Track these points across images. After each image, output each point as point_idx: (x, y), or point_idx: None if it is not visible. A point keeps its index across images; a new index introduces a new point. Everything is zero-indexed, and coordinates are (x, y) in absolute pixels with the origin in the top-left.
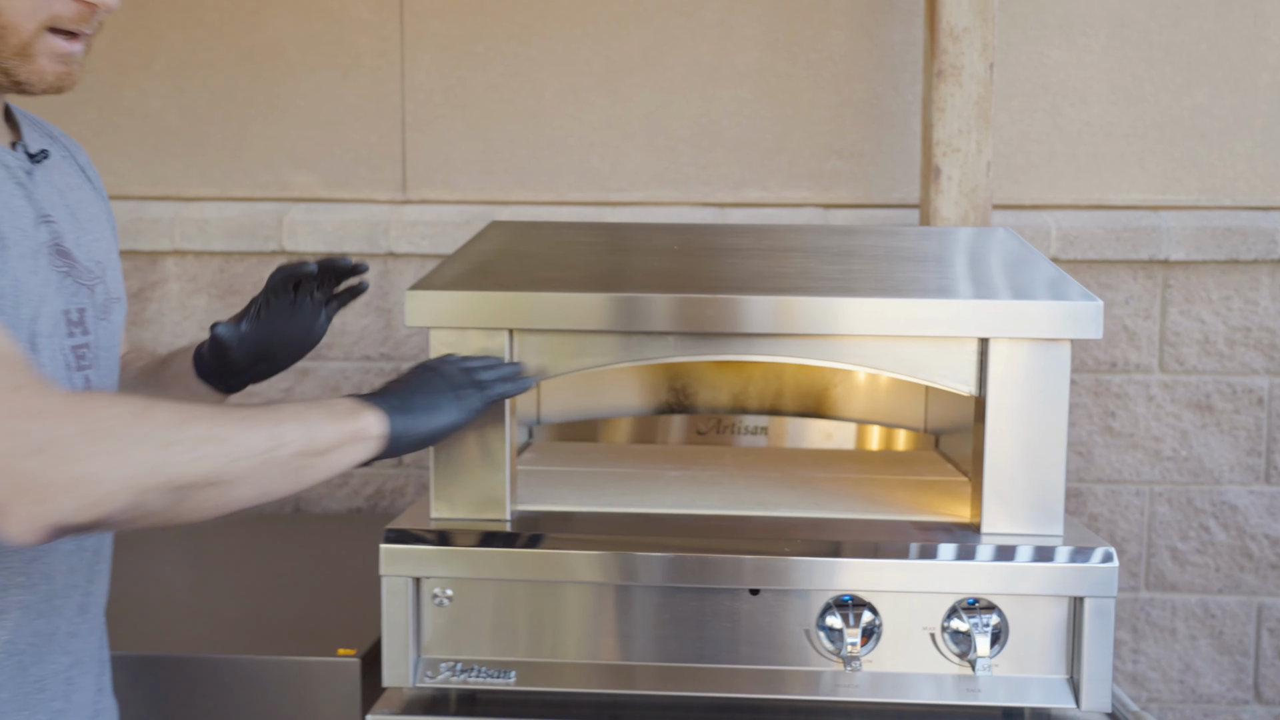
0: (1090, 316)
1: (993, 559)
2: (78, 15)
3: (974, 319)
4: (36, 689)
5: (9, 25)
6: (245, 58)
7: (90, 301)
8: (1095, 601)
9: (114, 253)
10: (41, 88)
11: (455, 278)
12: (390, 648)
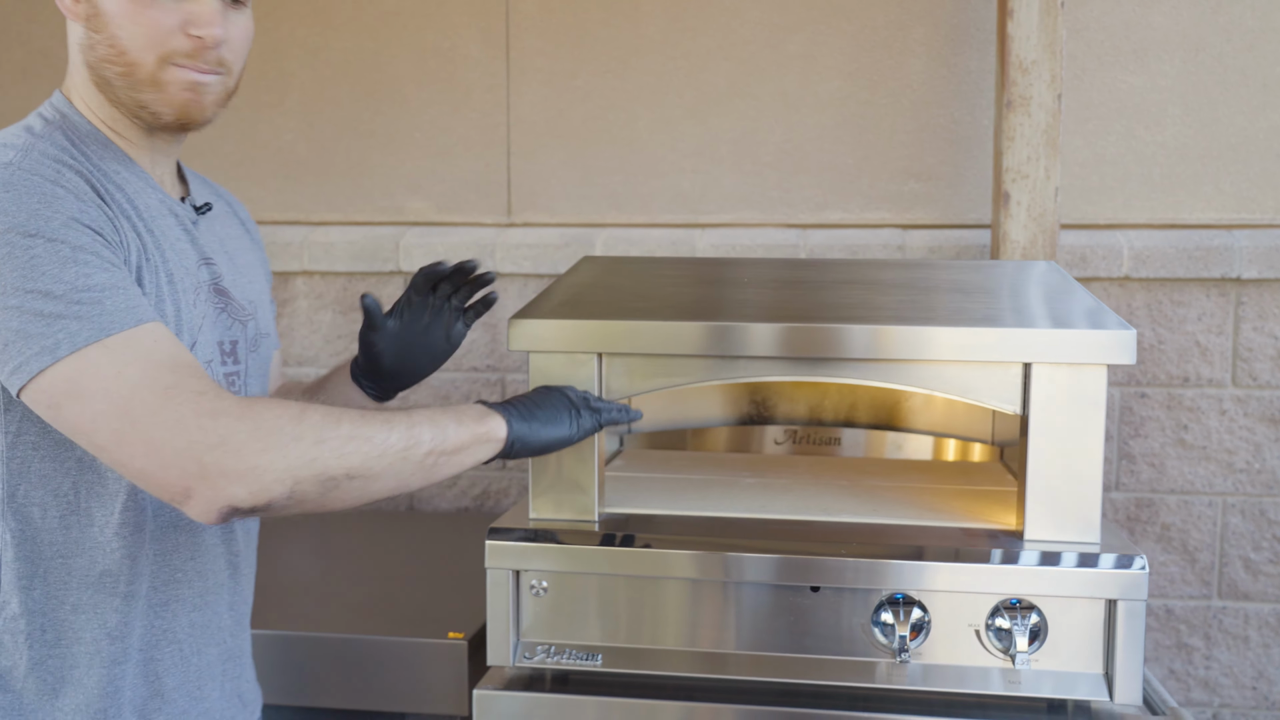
0: (1124, 344)
1: (1033, 564)
2: (191, 49)
3: (1018, 345)
4: (198, 676)
5: (135, 61)
6: (367, 94)
7: (243, 335)
8: (1127, 604)
9: (266, 294)
10: (171, 116)
11: (552, 307)
12: (493, 631)
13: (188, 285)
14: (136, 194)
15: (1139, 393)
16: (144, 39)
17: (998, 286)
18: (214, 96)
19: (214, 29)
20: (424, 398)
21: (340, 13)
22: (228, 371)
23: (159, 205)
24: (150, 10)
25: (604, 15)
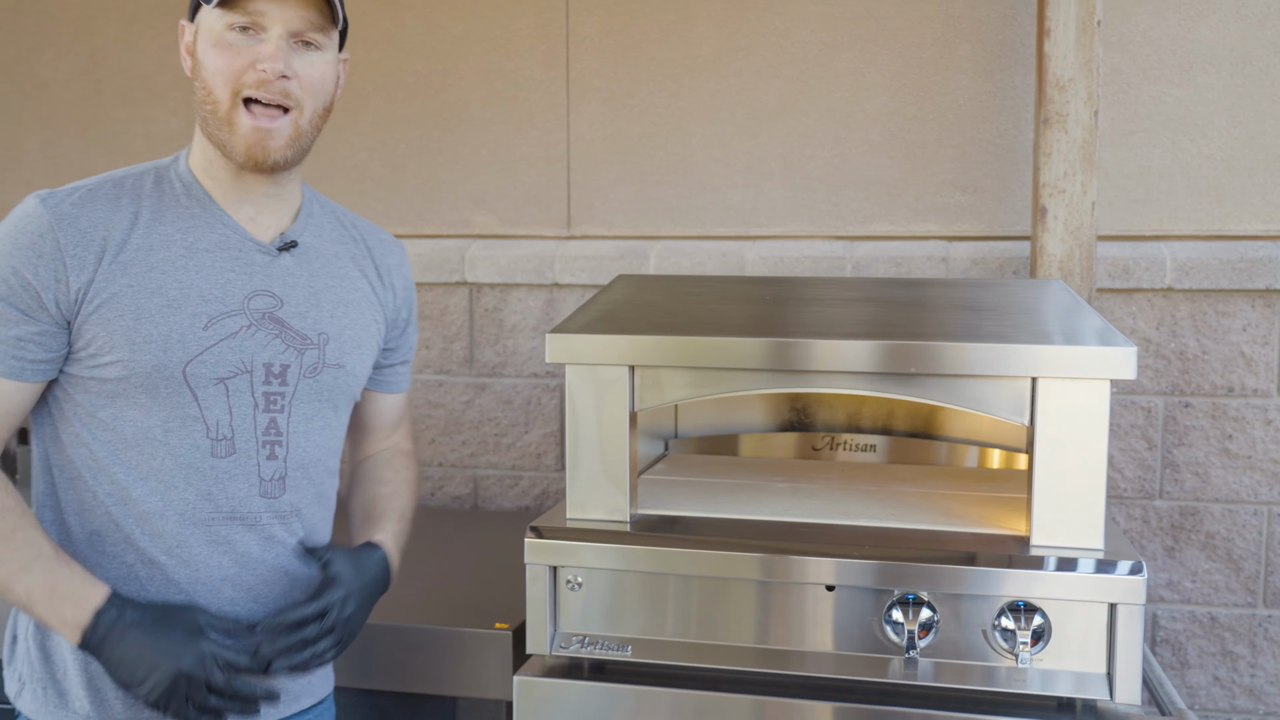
0: (1125, 360)
1: (1037, 568)
2: (257, 85)
3: (1025, 361)
4: None
5: (218, 99)
6: (436, 114)
7: (296, 361)
8: (1125, 608)
9: (355, 330)
10: (243, 154)
11: (587, 322)
12: (532, 623)
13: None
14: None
15: (1183, 402)
16: (223, 77)
17: (1007, 305)
18: (281, 140)
19: (276, 63)
20: (489, 403)
21: (412, 38)
22: (269, 391)
23: (216, 242)
24: (228, 52)
25: (659, 36)
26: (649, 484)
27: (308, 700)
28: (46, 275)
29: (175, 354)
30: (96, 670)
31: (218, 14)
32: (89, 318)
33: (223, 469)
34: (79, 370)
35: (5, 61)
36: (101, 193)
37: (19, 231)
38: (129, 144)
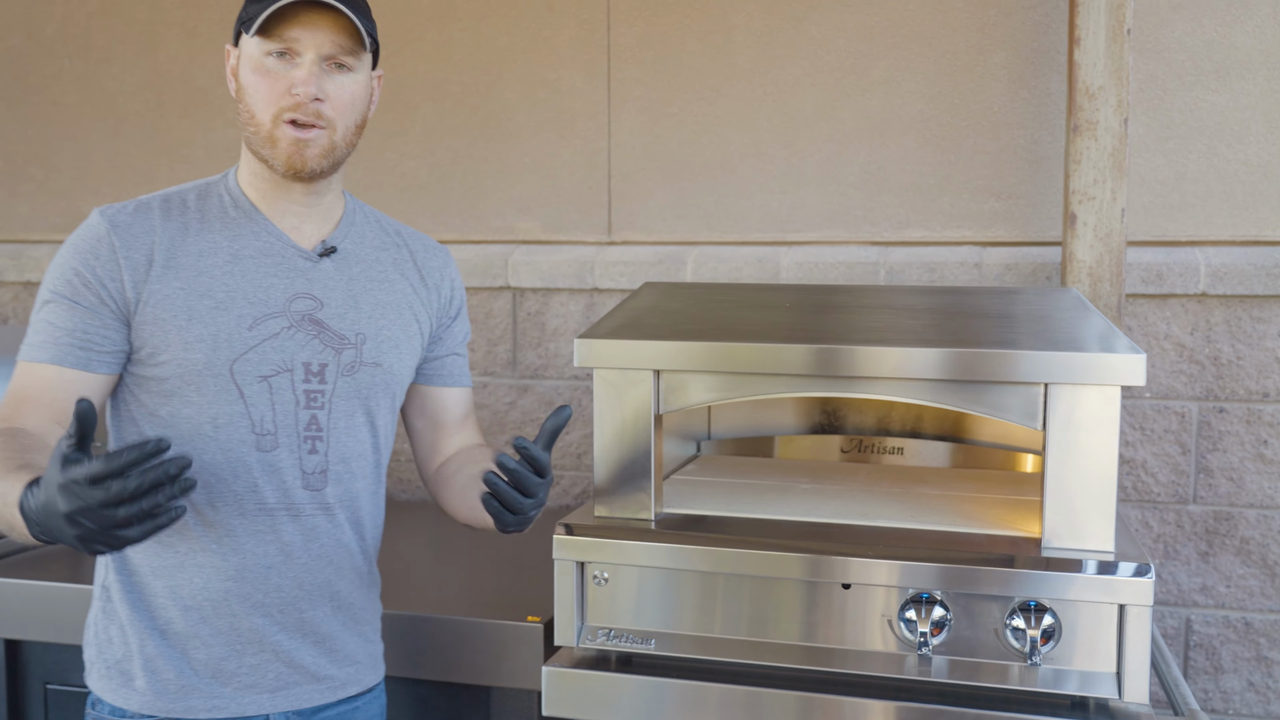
0: (1134, 367)
1: (1047, 570)
2: (295, 107)
3: (1038, 367)
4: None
5: (259, 120)
6: (481, 124)
7: (334, 360)
8: (1134, 609)
9: (393, 331)
10: (283, 166)
11: (613, 328)
12: (560, 616)
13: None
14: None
15: (1217, 408)
16: (263, 101)
17: (1022, 313)
18: (316, 150)
19: (309, 87)
20: (532, 404)
21: (459, 49)
22: (310, 388)
23: (260, 249)
24: (267, 78)
25: (698, 46)
26: (678, 484)
27: (355, 688)
28: (104, 274)
29: (223, 352)
30: (153, 651)
31: (257, 41)
32: (145, 318)
33: (267, 462)
34: (139, 370)
35: (75, 75)
36: (153, 206)
37: (80, 239)
38: (189, 153)
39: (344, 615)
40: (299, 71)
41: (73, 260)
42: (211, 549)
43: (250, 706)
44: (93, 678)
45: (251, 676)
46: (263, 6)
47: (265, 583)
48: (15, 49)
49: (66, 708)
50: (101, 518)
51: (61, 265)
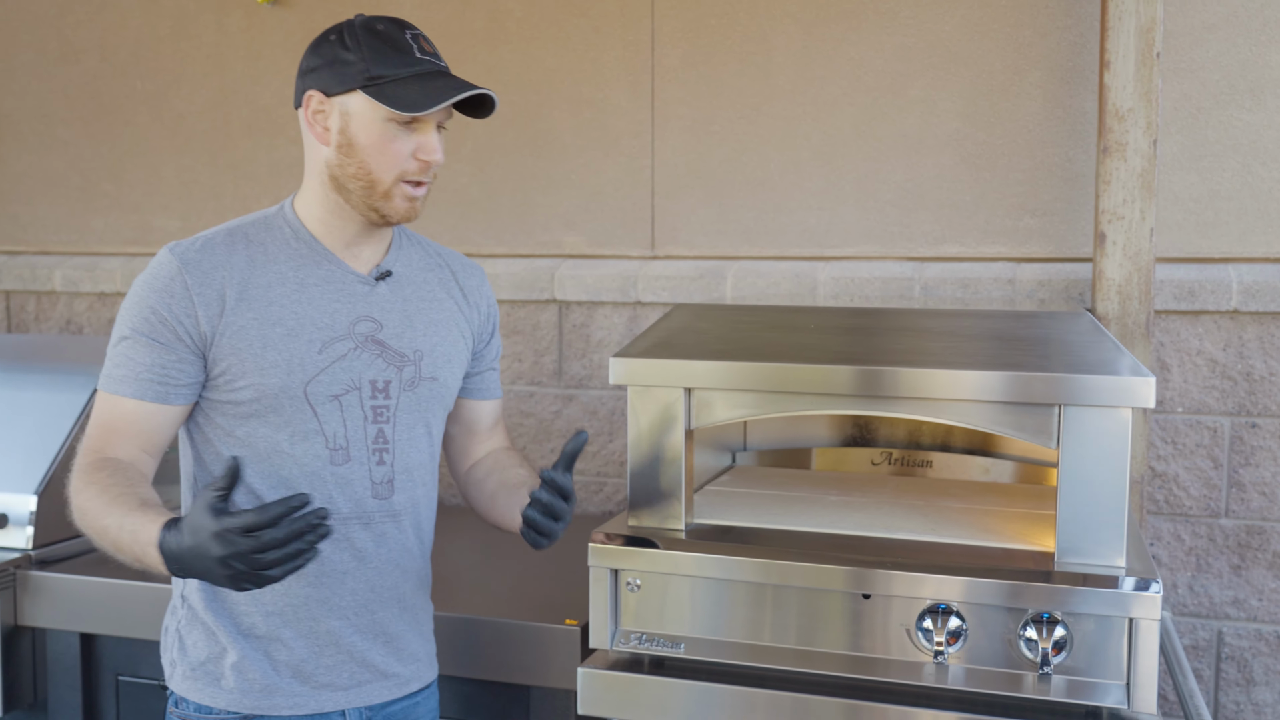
0: (1145, 389)
1: (1058, 583)
2: (419, 170)
3: (1053, 389)
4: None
5: (377, 179)
6: (530, 142)
7: (397, 377)
8: (1143, 623)
9: (445, 346)
10: (397, 219)
11: (646, 348)
12: (595, 620)
13: (320, 337)
14: (292, 271)
15: (1250, 423)
16: (387, 165)
17: (1037, 336)
18: (423, 201)
19: (438, 154)
20: (576, 413)
21: (509, 71)
22: (376, 404)
23: (323, 277)
24: (394, 144)
25: (739, 67)
26: (711, 494)
27: (417, 684)
28: (180, 311)
29: (297, 376)
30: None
31: (377, 103)
32: (222, 349)
33: (340, 475)
34: (217, 395)
35: (146, 96)
36: (218, 241)
37: (154, 278)
38: (254, 170)
39: (408, 616)
40: (426, 139)
41: (149, 299)
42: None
43: (328, 703)
44: (175, 680)
45: (329, 676)
46: (417, 95)
47: (341, 586)
48: (90, 71)
49: (136, 698)
50: (252, 561)
51: (139, 303)
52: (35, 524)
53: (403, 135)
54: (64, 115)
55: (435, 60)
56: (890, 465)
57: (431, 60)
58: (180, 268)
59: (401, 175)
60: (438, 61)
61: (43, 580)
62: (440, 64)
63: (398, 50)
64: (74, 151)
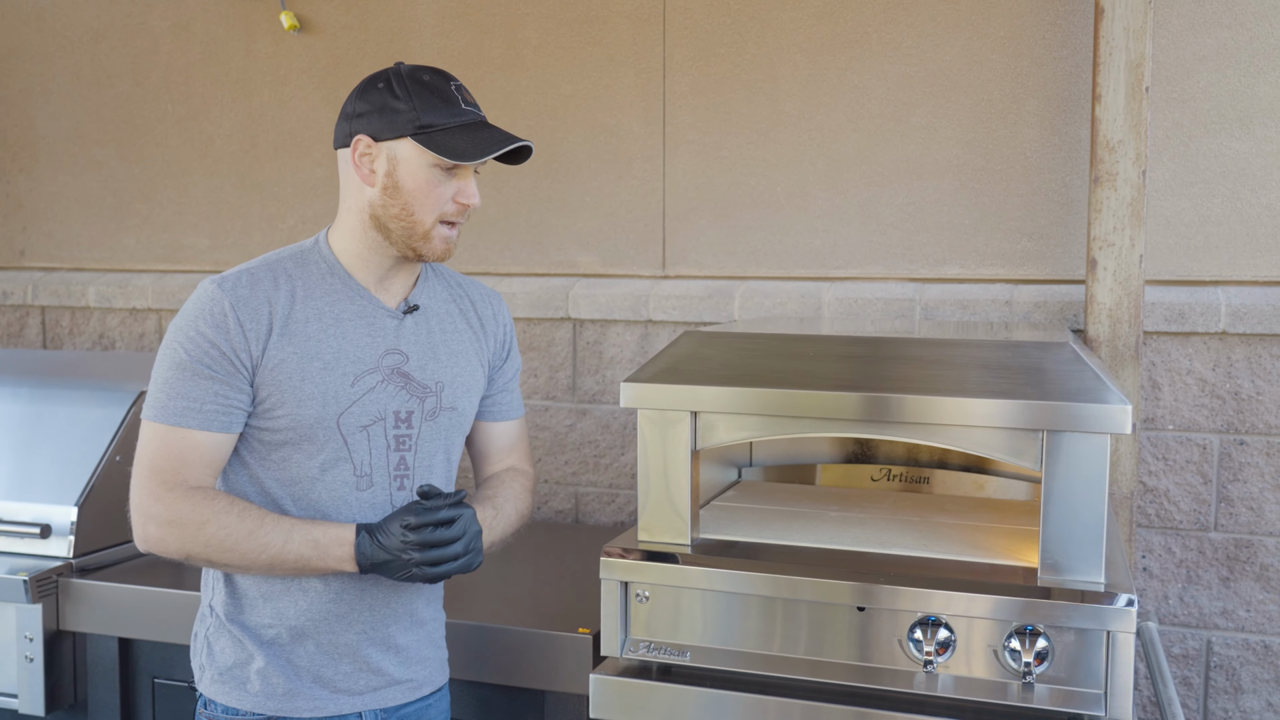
0: (1122, 416)
1: (1039, 598)
2: (457, 212)
3: (1036, 416)
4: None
5: (419, 220)
6: (546, 165)
7: (419, 408)
8: (1119, 635)
9: (465, 376)
10: (433, 258)
11: (655, 373)
12: (606, 629)
13: (354, 371)
14: (329, 306)
15: (1238, 440)
16: (429, 207)
17: (1023, 365)
18: (455, 243)
19: (475, 199)
20: (589, 428)
21: (526, 96)
22: (399, 434)
23: (356, 312)
24: (437, 188)
25: (747, 94)
26: (716, 510)
27: (429, 688)
28: (236, 344)
29: (331, 408)
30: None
31: (423, 150)
32: (264, 380)
33: (364, 499)
34: (255, 422)
35: (177, 119)
36: (260, 275)
37: (207, 313)
38: (279, 190)
39: (419, 629)
40: (466, 184)
41: (206, 332)
42: (315, 576)
43: (345, 706)
44: (204, 683)
45: (346, 682)
46: (465, 145)
47: (358, 603)
48: (123, 95)
49: (171, 699)
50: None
51: (195, 337)
52: (76, 534)
53: (445, 180)
54: (97, 137)
55: (477, 111)
56: (890, 482)
57: (474, 111)
58: (233, 304)
59: (441, 217)
60: (478, 112)
61: (83, 588)
62: (481, 114)
63: (445, 101)
64: (107, 172)
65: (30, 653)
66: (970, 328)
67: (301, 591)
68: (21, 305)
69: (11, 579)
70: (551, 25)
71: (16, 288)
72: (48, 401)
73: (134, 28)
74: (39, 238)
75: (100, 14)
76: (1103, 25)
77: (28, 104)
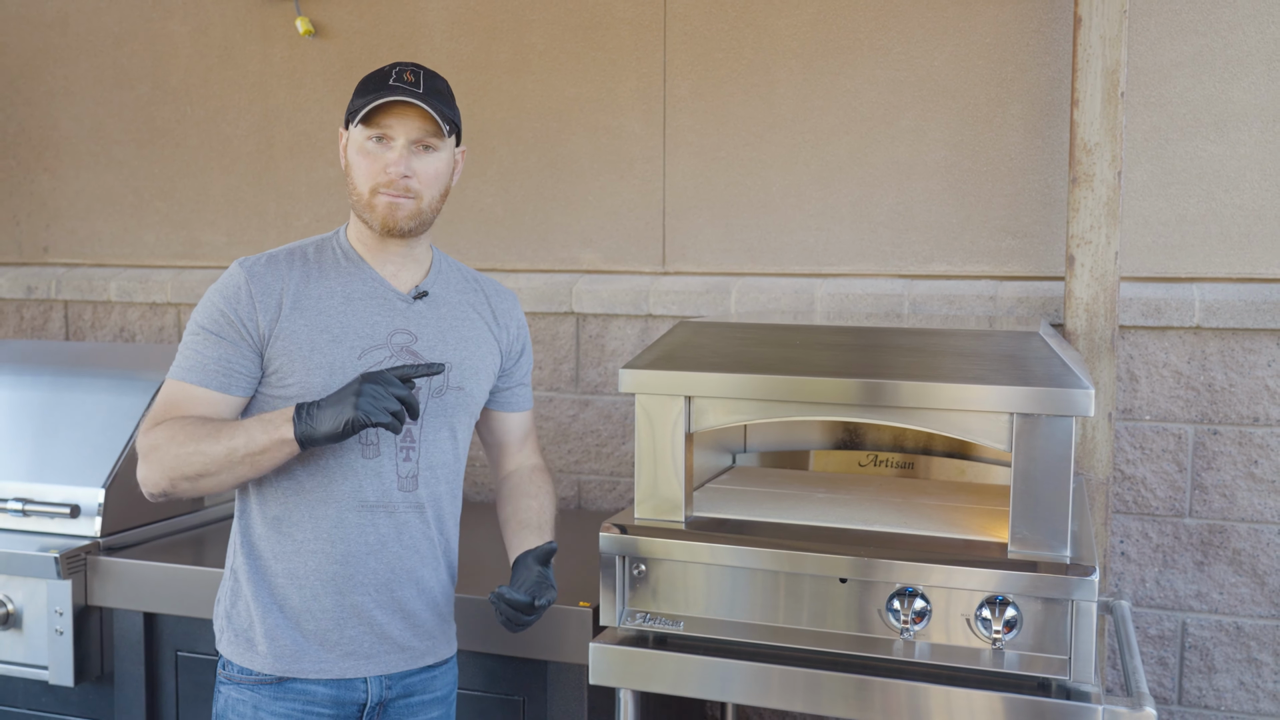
0: (1085, 400)
1: (1007, 569)
2: (387, 182)
3: (1004, 400)
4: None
5: (361, 192)
6: (550, 165)
7: (426, 384)
8: (1081, 604)
9: (474, 361)
10: (379, 227)
11: (651, 360)
12: (604, 601)
13: (361, 345)
14: (340, 286)
15: (1212, 430)
16: (364, 176)
17: (995, 352)
18: (405, 213)
19: (399, 167)
20: (592, 418)
21: (531, 99)
22: None
23: (367, 293)
24: (367, 159)
25: (744, 98)
26: (710, 492)
27: (431, 659)
28: (244, 313)
29: (337, 377)
30: (272, 623)
31: (360, 129)
32: (276, 349)
33: (370, 468)
34: (270, 390)
35: (196, 120)
36: (280, 258)
37: (224, 286)
38: (294, 189)
39: (425, 597)
40: (392, 154)
41: (219, 303)
42: (323, 538)
43: (350, 670)
44: (223, 644)
45: (351, 645)
46: (364, 103)
47: (364, 566)
48: (144, 97)
49: (195, 672)
50: (388, 383)
51: (210, 306)
52: (103, 514)
53: (377, 151)
54: (119, 137)
55: (409, 88)
56: (877, 467)
57: (404, 88)
58: (247, 279)
59: (375, 186)
60: (410, 88)
61: (110, 565)
62: (412, 89)
63: (376, 83)
64: (128, 171)
65: (60, 626)
66: (950, 320)
67: (311, 553)
68: (46, 300)
69: (43, 556)
70: (556, 31)
71: (41, 283)
72: (74, 390)
73: (155, 32)
74: (62, 235)
75: (122, 19)
76: (1080, 33)
77: (52, 106)
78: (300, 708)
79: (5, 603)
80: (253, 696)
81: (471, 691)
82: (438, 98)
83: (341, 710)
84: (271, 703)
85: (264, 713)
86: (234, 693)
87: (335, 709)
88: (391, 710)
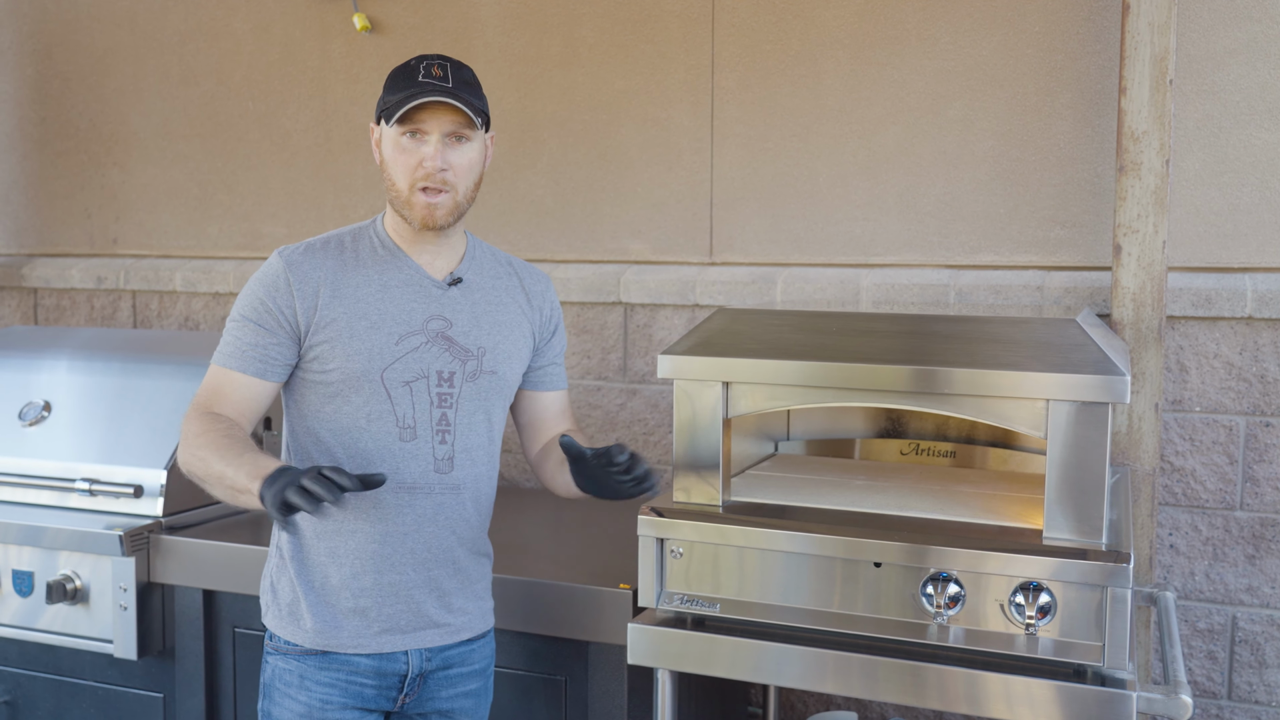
0: (1120, 387)
1: (1043, 556)
2: (424, 176)
3: (1040, 387)
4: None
5: (399, 188)
6: (600, 157)
7: (460, 369)
8: (1115, 590)
9: (508, 345)
10: (417, 224)
11: (690, 347)
12: (643, 583)
13: (398, 331)
14: (377, 274)
15: (1264, 422)
16: (401, 173)
17: (1030, 340)
18: (444, 210)
19: (435, 161)
20: (639, 406)
21: (581, 92)
22: (441, 392)
23: (403, 281)
24: (403, 155)
25: (791, 89)
26: (751, 478)
27: (467, 634)
28: (282, 302)
29: (376, 363)
30: (315, 598)
31: (395, 125)
32: (317, 336)
33: (408, 450)
34: (310, 376)
35: (257, 116)
36: (317, 247)
37: (265, 275)
38: (351, 183)
39: (460, 576)
40: (427, 149)
41: (259, 291)
42: (363, 518)
43: (388, 644)
44: (269, 618)
45: (390, 622)
46: (398, 102)
47: (403, 545)
48: (208, 93)
49: (250, 647)
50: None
51: (250, 295)
52: (165, 494)
53: (412, 147)
54: (184, 132)
55: (437, 83)
56: (918, 456)
57: (433, 83)
58: (285, 268)
59: (413, 182)
60: (440, 84)
61: (171, 543)
62: (441, 85)
63: (406, 78)
64: (192, 165)
65: (124, 602)
66: (992, 309)
67: (351, 533)
68: (114, 289)
69: (108, 534)
70: (606, 24)
71: (110, 273)
72: (139, 375)
73: (218, 30)
74: (130, 227)
75: (187, 17)
76: (1129, 21)
77: (121, 102)
78: (344, 678)
79: (73, 578)
80: (299, 666)
81: (514, 670)
82: (467, 89)
83: (383, 680)
84: (317, 672)
85: (310, 681)
86: (280, 663)
87: (377, 679)
88: (431, 681)
